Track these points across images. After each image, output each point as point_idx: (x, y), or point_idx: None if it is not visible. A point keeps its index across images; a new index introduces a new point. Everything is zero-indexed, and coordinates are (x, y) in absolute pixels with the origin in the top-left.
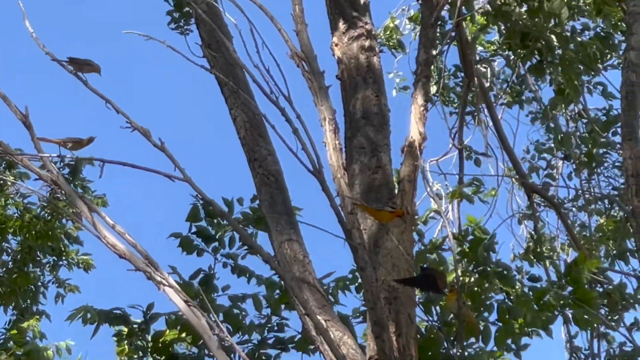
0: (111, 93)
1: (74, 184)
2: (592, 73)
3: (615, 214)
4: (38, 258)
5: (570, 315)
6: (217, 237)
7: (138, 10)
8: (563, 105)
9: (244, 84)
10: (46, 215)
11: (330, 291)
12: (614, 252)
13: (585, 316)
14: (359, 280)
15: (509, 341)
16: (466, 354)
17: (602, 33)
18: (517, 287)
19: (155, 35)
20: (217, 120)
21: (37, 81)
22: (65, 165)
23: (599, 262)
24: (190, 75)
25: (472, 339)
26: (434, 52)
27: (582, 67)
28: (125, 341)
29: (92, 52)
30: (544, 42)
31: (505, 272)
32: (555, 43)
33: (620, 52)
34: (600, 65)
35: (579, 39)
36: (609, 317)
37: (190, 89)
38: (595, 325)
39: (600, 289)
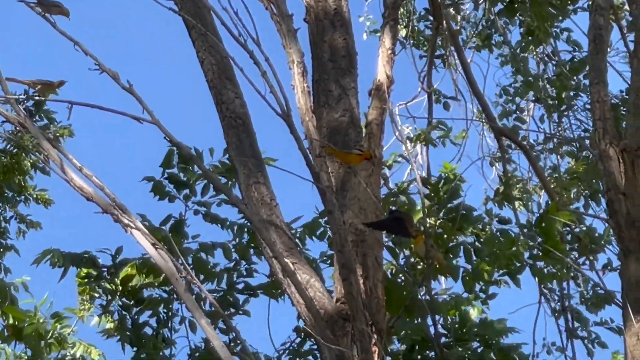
0: (79, 34)
1: (38, 115)
2: (561, 17)
3: (587, 156)
4: (6, 194)
5: (539, 266)
6: (189, 184)
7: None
8: (532, 47)
9: (211, 26)
10: (12, 148)
11: (297, 235)
12: (585, 193)
13: (555, 269)
14: (323, 226)
15: (478, 289)
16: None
17: None
18: (486, 229)
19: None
20: (185, 63)
21: (4, 24)
22: (28, 98)
23: (570, 214)
24: (158, 18)
25: (440, 286)
26: None
27: (552, 10)
28: (88, 284)
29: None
30: None
31: (470, 214)
32: None
33: None
34: (570, 7)
35: None
36: (577, 260)
37: (158, 31)
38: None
39: (571, 232)
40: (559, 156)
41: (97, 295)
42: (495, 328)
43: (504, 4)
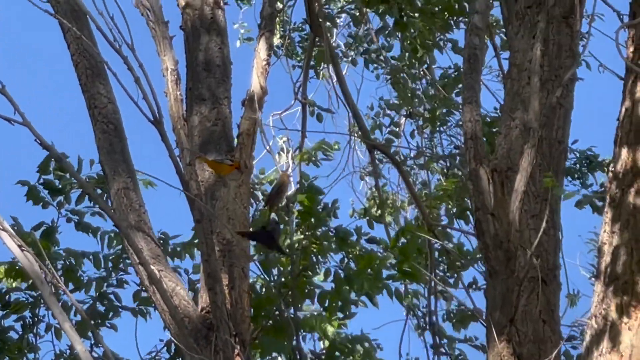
0: None
1: None
2: (450, 32)
3: (458, 172)
4: None
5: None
6: (64, 191)
7: None
8: (415, 63)
9: (87, 30)
10: None
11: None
12: (454, 210)
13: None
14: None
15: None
16: (300, 315)
17: None
18: (356, 248)
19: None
20: (59, 66)
21: None
22: None
23: (426, 231)
24: (33, 19)
25: (307, 302)
26: (280, 6)
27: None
28: None
29: None
30: None
31: (343, 236)
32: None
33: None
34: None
35: None
36: (447, 276)
37: (33, 33)
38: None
39: (442, 246)
40: (429, 172)
41: None
42: (364, 349)
43: (394, 18)
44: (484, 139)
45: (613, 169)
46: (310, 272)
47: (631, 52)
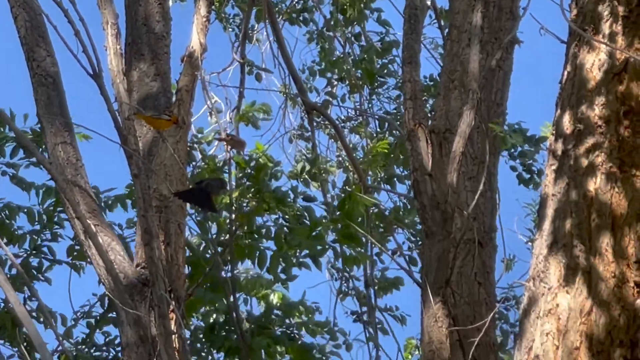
0: None
1: None
2: None
3: (385, 139)
4: None
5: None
6: None
7: None
8: (342, 27)
9: None
10: None
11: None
12: (382, 175)
13: (355, 252)
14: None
15: (280, 270)
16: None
17: None
18: (293, 207)
19: None
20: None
21: None
22: None
23: (372, 198)
24: None
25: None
26: None
27: None
28: None
29: None
30: None
31: (282, 197)
32: None
33: None
34: None
35: None
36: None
37: None
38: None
39: (378, 209)
40: (361, 136)
41: None
42: (296, 309)
43: None
44: None
45: (555, 132)
46: (256, 235)
47: (574, 15)
